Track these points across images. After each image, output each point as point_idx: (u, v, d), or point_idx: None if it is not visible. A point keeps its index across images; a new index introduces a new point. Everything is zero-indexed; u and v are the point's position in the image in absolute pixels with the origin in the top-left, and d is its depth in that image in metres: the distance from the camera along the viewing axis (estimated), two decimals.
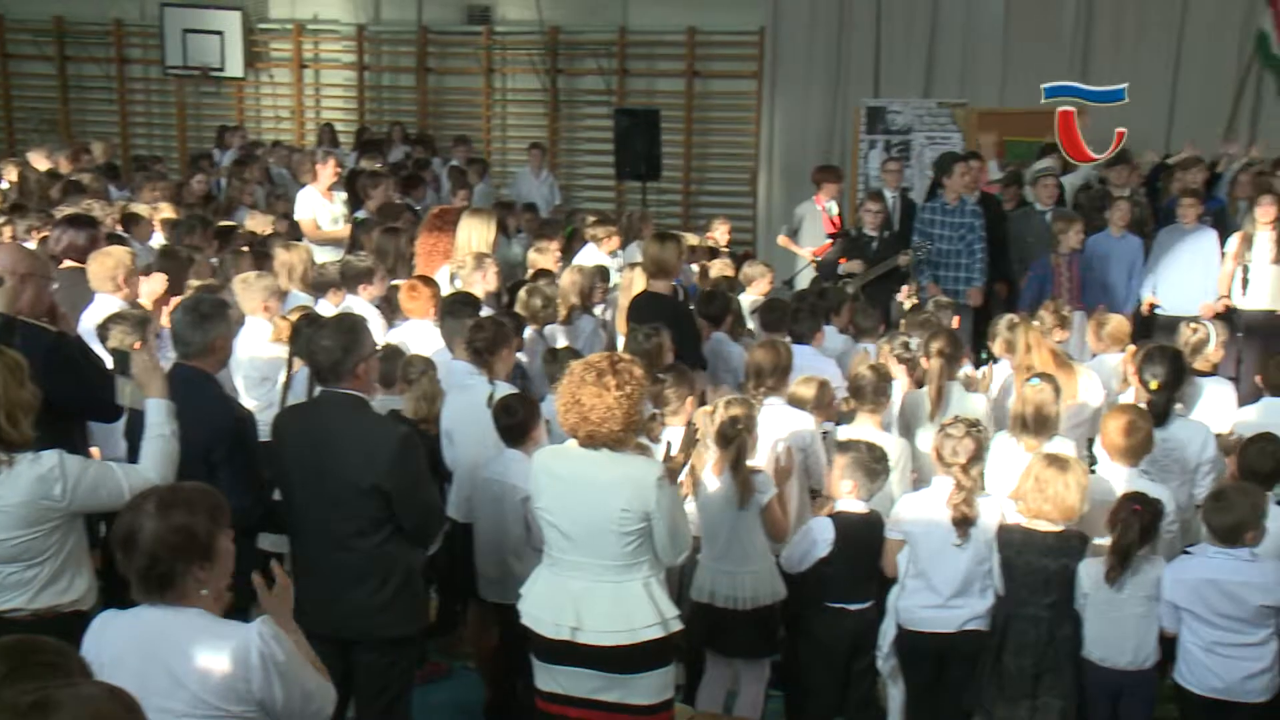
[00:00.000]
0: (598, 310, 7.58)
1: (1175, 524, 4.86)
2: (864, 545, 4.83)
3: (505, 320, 5.97)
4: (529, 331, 6.73)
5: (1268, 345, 8.50)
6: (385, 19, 16.15)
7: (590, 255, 8.63)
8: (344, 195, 10.24)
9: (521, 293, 7.05)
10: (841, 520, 4.83)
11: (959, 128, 12.71)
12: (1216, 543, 4.41)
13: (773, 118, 14.53)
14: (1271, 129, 12.40)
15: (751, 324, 7.55)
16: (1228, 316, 8.99)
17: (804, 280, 9.81)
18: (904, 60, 13.90)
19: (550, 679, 4.04)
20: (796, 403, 5.48)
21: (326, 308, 6.79)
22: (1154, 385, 5.47)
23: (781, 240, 10.80)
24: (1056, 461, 4.56)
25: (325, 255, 8.52)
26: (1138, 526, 4.43)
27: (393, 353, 5.71)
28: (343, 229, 9.77)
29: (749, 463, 4.78)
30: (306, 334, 4.78)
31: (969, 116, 12.70)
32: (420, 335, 6.45)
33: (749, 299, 8.07)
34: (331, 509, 4.03)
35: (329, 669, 3.14)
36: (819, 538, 4.81)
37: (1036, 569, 4.51)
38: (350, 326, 4.18)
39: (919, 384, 6.05)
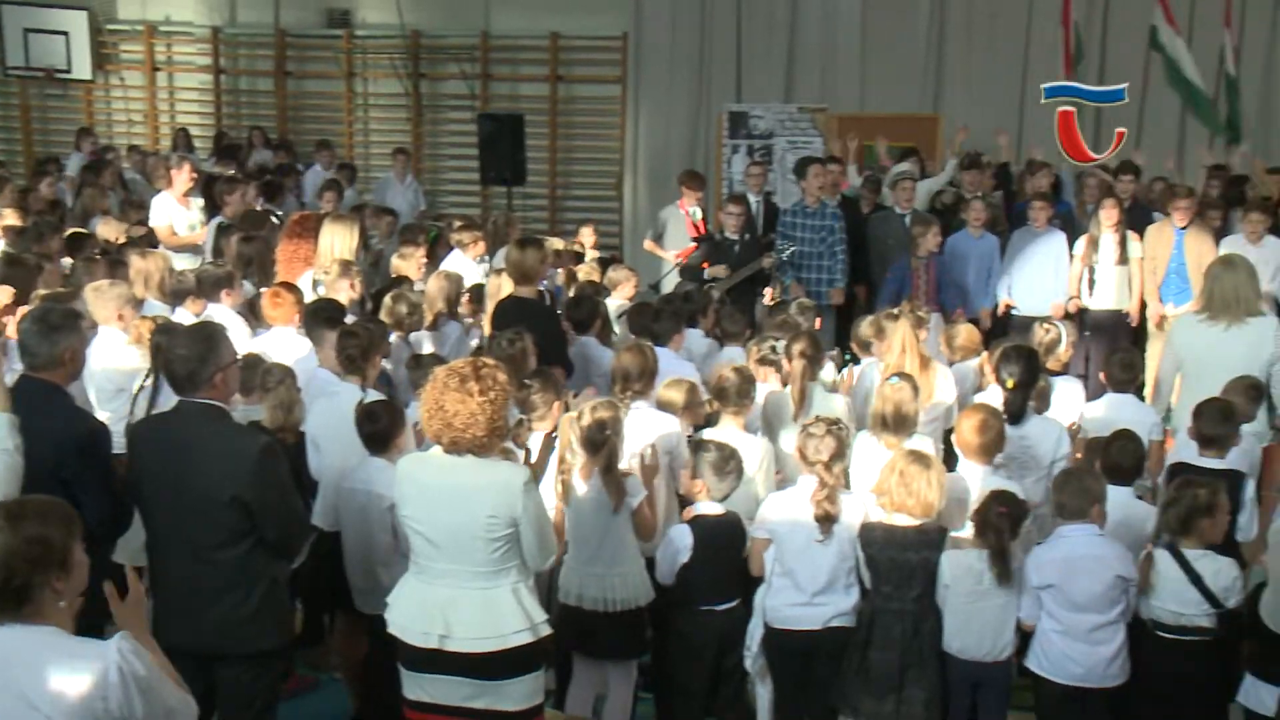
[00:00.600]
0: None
1: (1031, 519, 5.04)
2: (723, 546, 4.89)
3: (375, 326, 5.92)
4: (394, 338, 6.67)
5: (1113, 343, 8.88)
6: (241, 21, 15.80)
7: (456, 261, 8.58)
8: (200, 201, 10.01)
9: (387, 299, 6.98)
10: (699, 524, 4.89)
11: (819, 132, 12.98)
12: (1068, 520, 4.64)
13: (637, 122, 14.60)
14: (1158, 135, 12.78)
15: (619, 328, 7.60)
16: (1078, 316, 9.39)
17: (670, 284, 9.91)
18: (765, 65, 14.08)
19: (419, 688, 4.02)
20: (664, 406, 5.52)
21: (186, 316, 6.64)
22: (1010, 384, 5.67)
23: (647, 245, 10.88)
24: (919, 458, 4.70)
25: (183, 262, 8.31)
26: (1008, 526, 4.60)
27: (253, 361, 5.61)
28: (199, 234, 9.55)
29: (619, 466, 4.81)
30: (157, 341, 4.67)
31: (829, 121, 12.98)
32: (283, 343, 6.35)
33: (614, 303, 8.11)
34: (191, 521, 3.94)
35: (190, 684, 3.08)
36: (679, 545, 4.86)
37: (899, 563, 4.62)
38: (207, 335, 4.09)
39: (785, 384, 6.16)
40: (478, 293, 7.75)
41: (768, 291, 9.31)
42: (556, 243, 9.33)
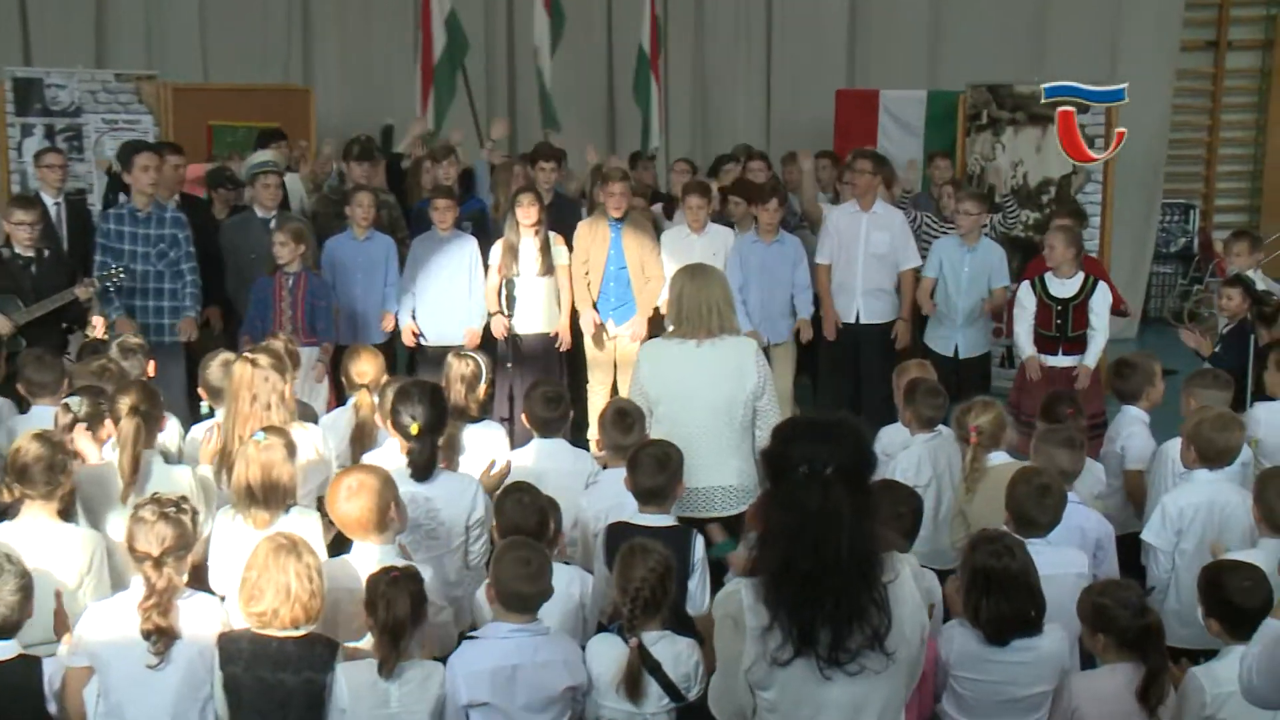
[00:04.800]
0: None
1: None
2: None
3: None
4: None
5: (546, 374, 9.30)
6: None
7: None
8: None
9: None
10: None
11: (149, 108, 12.64)
12: (509, 617, 4.79)
13: None
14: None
15: None
16: (510, 342, 9.76)
17: None
18: (62, 19, 13.57)
19: None
20: None
21: None
22: (414, 429, 5.73)
23: None
24: (288, 545, 4.63)
25: None
26: (407, 604, 4.63)
27: None
28: None
29: None
30: None
31: (162, 94, 12.68)
32: None
33: None
34: None
35: None
36: None
37: (272, 686, 4.53)
38: None
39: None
40: None
41: (94, 325, 8.73)
42: None
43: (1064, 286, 9.18)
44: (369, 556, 5.09)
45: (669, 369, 6.76)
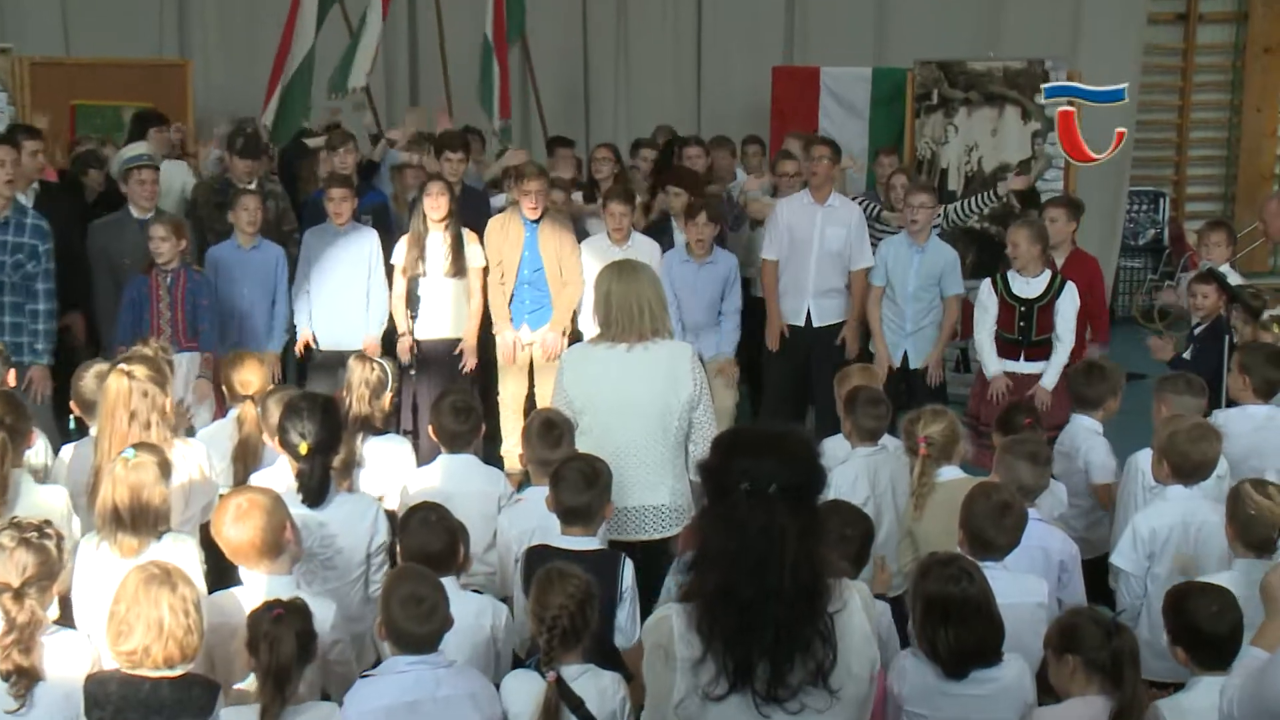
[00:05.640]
0: None
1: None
2: None
3: None
4: None
5: (451, 383, 9.26)
6: None
7: None
8: None
9: None
10: None
11: (2, 86, 12.49)
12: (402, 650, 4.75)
13: None
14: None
15: None
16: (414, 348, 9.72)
17: None
18: None
19: None
20: None
21: None
22: (303, 449, 5.70)
23: None
24: (160, 575, 4.59)
25: None
26: (292, 643, 4.60)
27: None
28: None
29: None
30: None
31: (17, 69, 12.53)
32: None
33: None
34: None
35: None
36: None
37: None
38: None
39: None
40: None
41: None
42: None
43: (1029, 286, 9.18)
44: (258, 587, 5.05)
45: (595, 376, 6.69)
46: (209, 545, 5.44)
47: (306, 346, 9.91)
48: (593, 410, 6.64)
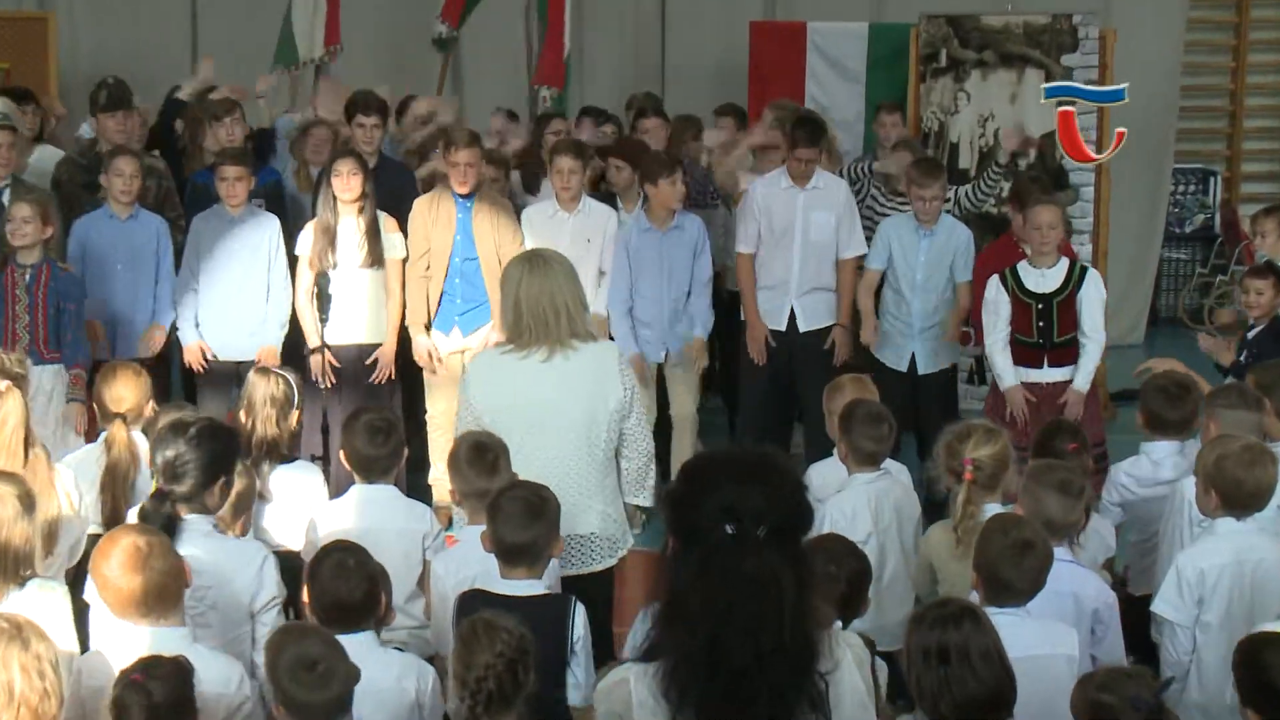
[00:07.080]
0: None
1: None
2: None
3: None
4: None
5: (375, 399, 9.24)
6: None
7: None
8: None
9: None
10: None
11: None
12: None
13: None
14: None
15: None
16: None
17: None
18: None
19: None
20: None
21: None
22: (154, 484, 5.72)
23: None
24: (5, 633, 4.51)
25: None
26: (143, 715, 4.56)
27: None
28: None
29: None
30: None
31: None
32: None
33: None
34: None
35: None
36: None
37: None
38: None
39: None
40: None
41: None
42: None
43: (1044, 279, 9.14)
44: (141, 642, 4.95)
45: (506, 389, 6.65)
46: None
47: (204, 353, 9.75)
48: (505, 430, 6.54)
